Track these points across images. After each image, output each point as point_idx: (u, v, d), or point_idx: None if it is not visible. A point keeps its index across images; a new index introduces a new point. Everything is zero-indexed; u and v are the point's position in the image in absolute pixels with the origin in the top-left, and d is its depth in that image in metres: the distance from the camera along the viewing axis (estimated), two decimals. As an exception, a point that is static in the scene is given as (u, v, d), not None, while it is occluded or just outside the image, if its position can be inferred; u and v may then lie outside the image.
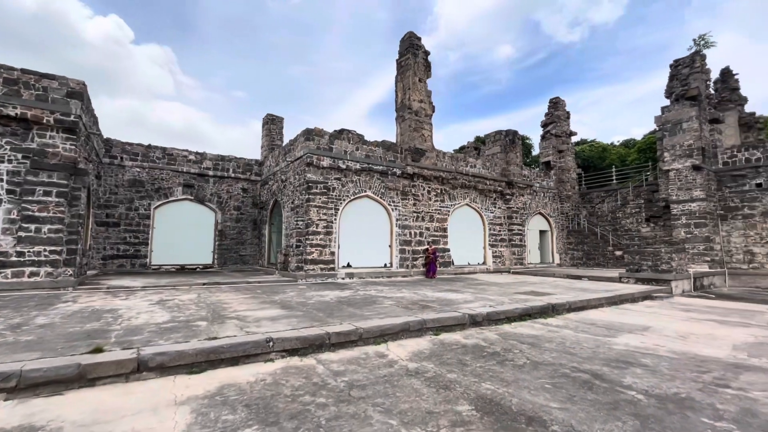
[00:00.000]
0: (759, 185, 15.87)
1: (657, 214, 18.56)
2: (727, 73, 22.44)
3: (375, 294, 10.29)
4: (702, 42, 17.85)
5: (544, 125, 23.53)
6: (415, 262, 15.90)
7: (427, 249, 15.92)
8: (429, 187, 16.84)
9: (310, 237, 13.44)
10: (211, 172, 17.84)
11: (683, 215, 16.60)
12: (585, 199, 23.21)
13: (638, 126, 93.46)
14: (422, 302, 8.86)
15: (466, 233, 18.21)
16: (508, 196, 19.60)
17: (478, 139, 38.91)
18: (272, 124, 21.40)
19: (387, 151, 15.83)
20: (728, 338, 6.71)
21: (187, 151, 17.36)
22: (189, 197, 17.26)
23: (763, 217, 15.65)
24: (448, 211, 17.41)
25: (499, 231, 19.35)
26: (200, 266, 17.18)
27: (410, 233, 16.01)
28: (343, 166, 14.42)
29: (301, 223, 13.55)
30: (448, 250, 17.02)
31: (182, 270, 16.63)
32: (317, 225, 13.64)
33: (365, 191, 15.08)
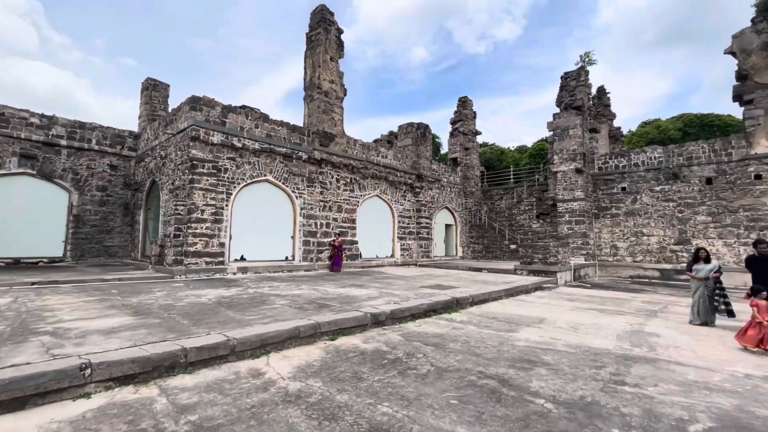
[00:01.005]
0: (624, 189, 18.39)
1: (546, 212, 20.39)
2: (601, 91, 25.75)
3: (267, 292, 8.93)
4: (587, 59, 19.99)
5: (453, 122, 24.26)
6: (320, 255, 14.77)
7: (333, 241, 14.90)
8: (338, 175, 15.80)
9: (194, 225, 11.35)
10: (64, 142, 14.14)
11: (567, 213, 18.44)
12: (486, 195, 24.62)
13: (529, 135, 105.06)
14: (321, 301, 7.83)
15: (376, 225, 17.68)
16: (417, 189, 19.61)
17: (391, 133, 39.11)
18: (154, 91, 17.92)
19: (292, 132, 14.32)
20: (611, 327, 7.05)
21: (27, 111, 13.44)
22: (29, 171, 13.43)
23: (626, 217, 18.19)
24: (358, 202, 16.62)
25: (408, 224, 19.27)
26: (44, 260, 13.54)
27: (316, 224, 14.81)
28: (239, 145, 12.53)
29: (182, 208, 11.35)
30: (356, 243, 16.26)
31: (17, 264, 12.90)
32: (203, 211, 11.59)
33: (265, 175, 13.39)
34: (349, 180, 16.23)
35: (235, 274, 12.10)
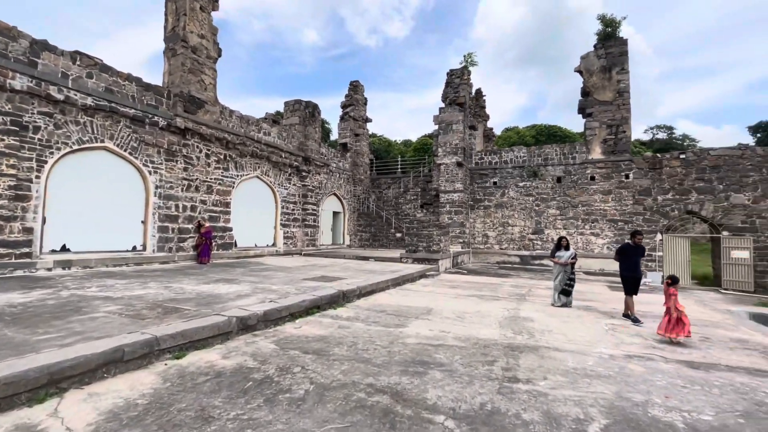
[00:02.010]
0: (495, 183, 20.32)
1: (430, 202, 21.25)
2: (478, 93, 28.05)
3: (93, 294, 6.69)
4: (469, 59, 21.24)
5: (344, 106, 23.39)
6: (182, 245, 12.31)
7: (199, 228, 12.58)
8: (209, 150, 13.39)
9: (-23, 202, 7.98)
10: None
11: (448, 203, 19.48)
12: (375, 184, 24.57)
13: (414, 131, 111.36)
14: (171, 303, 6.11)
15: (255, 210, 15.73)
16: (304, 173, 18.20)
17: (278, 113, 36.28)
18: None
19: (146, 91, 11.43)
20: (492, 314, 7.18)
21: None
22: None
23: (496, 208, 20.14)
24: (234, 183, 14.45)
25: (293, 210, 17.78)
26: None
27: (177, 206, 12.27)
28: (59, 97, 9.30)
29: (-44, 177, 7.85)
30: (231, 230, 14.14)
31: None
32: (-4, 183, 8.25)
33: (102, 141, 10.35)
34: (222, 156, 13.93)
35: (50, 269, 9.03)
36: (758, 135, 42.84)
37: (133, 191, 11.28)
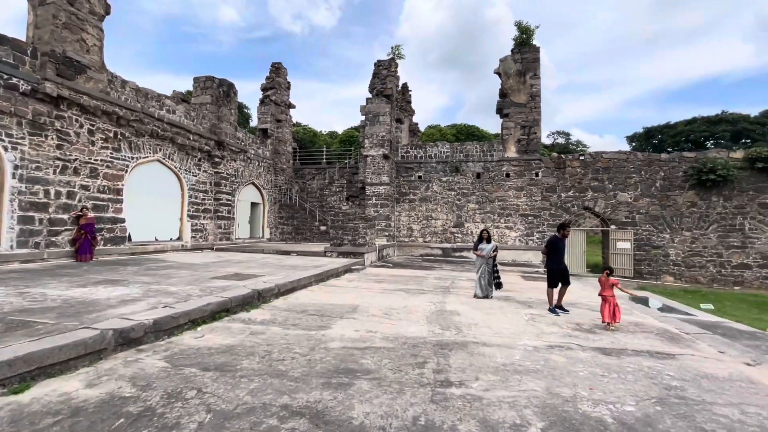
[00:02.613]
0: (420, 177, 20.62)
1: (355, 194, 20.78)
2: (405, 87, 28.26)
3: None
4: (397, 51, 21.11)
5: (265, 89, 21.66)
6: (55, 239, 10.08)
7: (79, 218, 10.42)
8: (93, 126, 11.15)
9: None
10: None
11: (374, 196, 19.22)
12: (298, 174, 23.33)
13: (339, 123, 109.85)
14: (19, 316, 4.73)
15: (156, 199, 13.66)
16: (217, 159, 16.38)
17: (189, 93, 32.54)
18: None
19: None
20: (419, 309, 6.96)
21: None
22: None
23: (420, 202, 20.46)
24: (127, 166, 12.30)
25: (204, 199, 15.90)
26: None
27: (48, 192, 9.99)
28: None
29: None
30: (122, 221, 12.02)
31: None
32: None
33: (-71, 104, 7.86)
34: (112, 134, 11.74)
35: None
36: (633, 144, 50.61)
37: (-20, 171, 8.85)
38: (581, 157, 18.73)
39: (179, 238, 14.74)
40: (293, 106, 22.89)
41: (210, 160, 16.23)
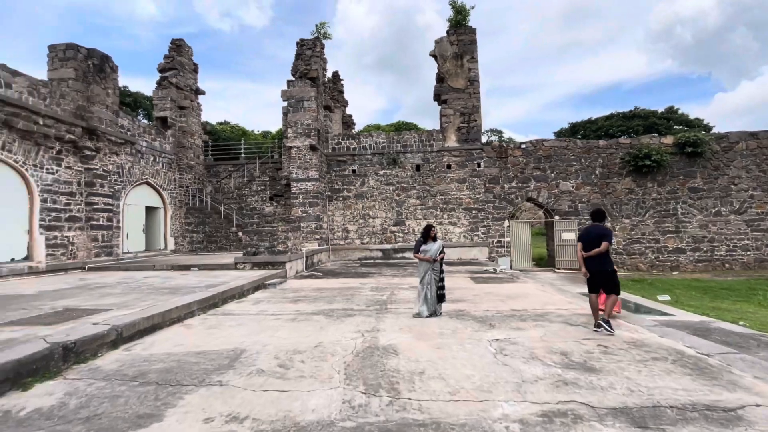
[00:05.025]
0: (354, 171, 18.33)
1: (280, 193, 17.92)
2: (336, 77, 25.82)
3: None
4: (322, 30, 18.63)
5: (162, 70, 17.87)
6: None
7: None
8: None
9: None
10: None
11: (301, 194, 16.56)
12: (211, 172, 19.81)
13: (275, 124, 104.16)
14: None
15: (-17, 206, 9.79)
16: (88, 152, 12.60)
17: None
18: None
19: None
20: (338, 350, 4.62)
21: None
22: None
23: (356, 199, 18.17)
24: None
25: (69, 204, 12.08)
26: None
27: None
28: None
29: None
30: None
31: None
32: None
33: None
34: None
35: None
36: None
37: None
38: (523, 146, 17.75)
39: (27, 258, 10.88)
40: (202, 92, 19.37)
41: (77, 152, 12.44)
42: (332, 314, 6.58)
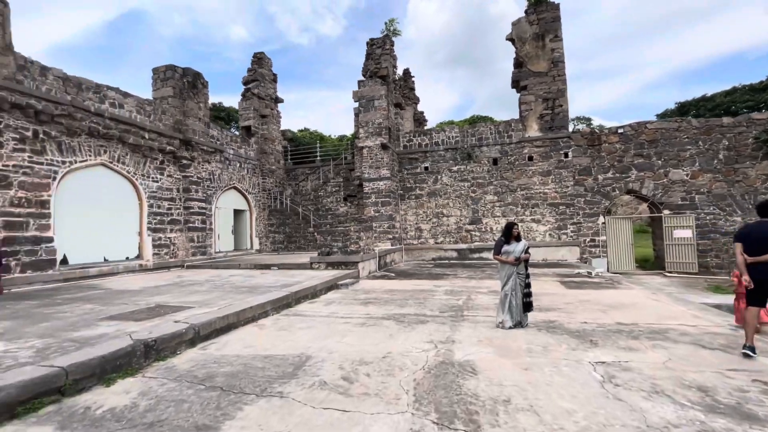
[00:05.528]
0: (426, 168, 17.74)
1: (353, 193, 18.10)
2: (407, 74, 25.47)
3: None
4: (391, 27, 18.37)
5: (246, 82, 19.29)
6: (-56, 268, 7.77)
7: (-23, 240, 8.11)
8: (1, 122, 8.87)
9: None
10: None
11: (373, 193, 16.47)
12: (290, 175, 20.83)
13: (350, 127, 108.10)
14: None
15: (103, 211, 11.33)
16: (185, 161, 14.00)
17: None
18: None
19: None
20: (407, 363, 4.13)
21: None
22: None
23: (428, 197, 17.57)
24: (55, 172, 9.98)
25: (170, 209, 13.52)
26: None
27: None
28: None
29: None
30: (49, 241, 9.68)
31: None
32: None
33: None
34: (31, 134, 9.43)
35: None
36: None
37: None
38: (620, 131, 15.43)
39: (138, 257, 12.37)
40: (281, 101, 20.45)
41: (176, 162, 13.85)
42: (403, 320, 6.13)
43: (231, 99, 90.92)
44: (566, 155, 15.71)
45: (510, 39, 16.79)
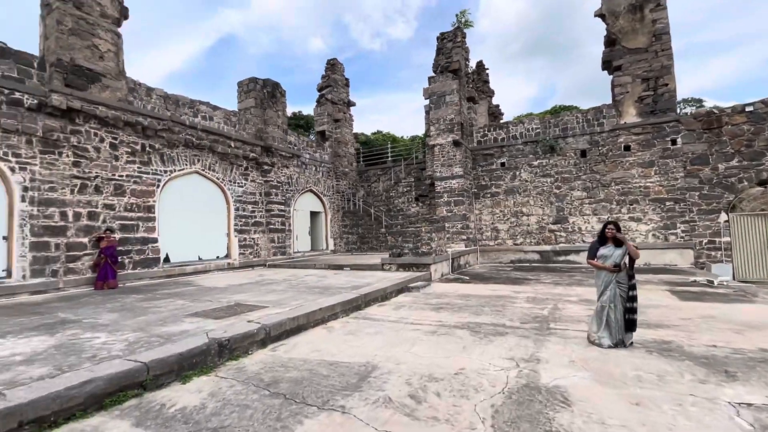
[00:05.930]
0: (503, 164, 16.58)
1: (425, 193, 17.68)
2: (480, 66, 24.27)
3: None
4: (463, 19, 17.57)
5: (320, 89, 20.04)
6: (74, 265, 9.17)
7: (99, 241, 9.42)
8: (115, 139, 10.25)
9: None
10: None
11: (446, 193, 15.86)
12: (363, 177, 21.12)
13: (422, 128, 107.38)
14: None
15: (198, 214, 12.54)
16: (266, 167, 14.92)
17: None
18: None
19: None
20: (483, 383, 3.62)
21: None
22: None
23: (506, 195, 16.40)
24: (158, 180, 11.27)
25: (253, 211, 14.52)
26: None
27: (65, 214, 9.14)
28: None
29: None
30: (155, 241, 10.94)
31: None
32: None
33: None
34: (139, 147, 10.76)
35: None
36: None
37: (-9, 196, 8.20)
38: (749, 109, 12.69)
39: (227, 256, 13.45)
40: (353, 104, 20.86)
41: (258, 168, 14.83)
42: (478, 330, 5.56)
43: (310, 108, 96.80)
44: (674, 142, 13.40)
45: (600, 15, 14.89)
